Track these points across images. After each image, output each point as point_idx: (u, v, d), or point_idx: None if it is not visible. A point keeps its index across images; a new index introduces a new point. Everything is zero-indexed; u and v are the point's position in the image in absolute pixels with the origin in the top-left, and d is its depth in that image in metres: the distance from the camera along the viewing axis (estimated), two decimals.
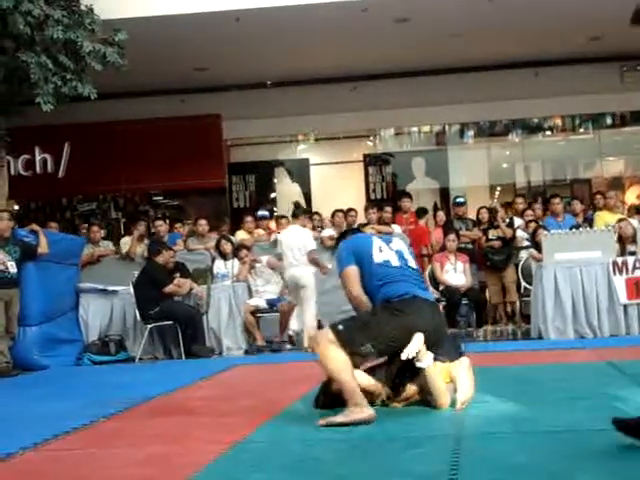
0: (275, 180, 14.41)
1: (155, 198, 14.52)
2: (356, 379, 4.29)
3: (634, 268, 8.23)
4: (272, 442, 3.96)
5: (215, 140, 13.38)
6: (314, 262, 8.76)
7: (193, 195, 14.03)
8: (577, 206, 10.43)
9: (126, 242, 10.39)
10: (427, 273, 9.46)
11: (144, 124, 12.91)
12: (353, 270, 4.61)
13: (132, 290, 8.92)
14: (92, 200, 14.00)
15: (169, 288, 8.94)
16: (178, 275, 9.21)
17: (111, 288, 9.15)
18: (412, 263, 4.74)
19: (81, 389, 6.82)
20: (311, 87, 12.92)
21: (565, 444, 3.48)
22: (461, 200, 11.04)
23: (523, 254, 9.85)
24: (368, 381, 4.54)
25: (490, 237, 10.08)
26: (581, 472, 2.97)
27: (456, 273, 9.24)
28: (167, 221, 10.86)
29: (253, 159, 14.27)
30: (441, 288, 9.20)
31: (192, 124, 13.03)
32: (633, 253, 8.44)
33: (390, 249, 4.70)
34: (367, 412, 4.18)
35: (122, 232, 13.01)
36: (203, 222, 10.54)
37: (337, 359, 4.23)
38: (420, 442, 3.68)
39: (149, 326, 8.80)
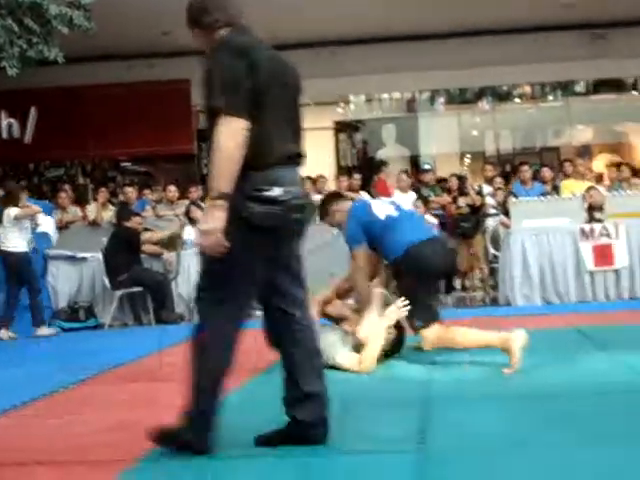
0: None
1: (123, 164, 14.38)
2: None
3: (601, 235, 8.32)
4: (243, 407, 3.97)
5: (184, 105, 13.24)
6: None
7: (162, 161, 13.92)
8: (546, 174, 10.50)
9: (92, 209, 10.32)
10: None
11: (112, 89, 12.74)
12: (362, 253, 4.92)
13: (101, 257, 8.88)
14: (59, 166, 13.84)
15: (146, 246, 8.94)
16: (150, 236, 9.21)
17: (80, 255, 9.10)
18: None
19: (50, 355, 6.80)
20: (280, 52, 12.79)
21: (532, 409, 3.54)
22: (428, 167, 11.06)
23: (490, 222, 9.92)
24: None
25: (459, 204, 10.13)
26: (549, 435, 3.02)
27: None
28: (136, 187, 10.80)
29: None
30: None
31: (160, 89, 12.88)
32: (600, 221, 8.52)
33: (383, 203, 5.09)
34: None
35: (90, 198, 12.89)
36: (173, 188, 10.48)
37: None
38: (388, 405, 3.72)
39: (118, 293, 8.77)
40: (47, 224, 9.47)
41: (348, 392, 4.14)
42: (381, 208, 5.01)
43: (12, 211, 8.33)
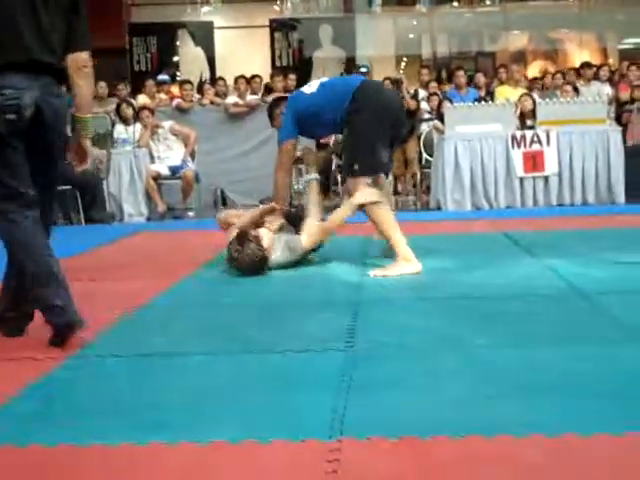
0: (178, 43, 13.98)
1: None
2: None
3: (532, 142, 8.42)
4: (176, 306, 3.99)
5: None
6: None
7: (92, 56, 13.46)
8: (481, 79, 10.50)
9: None
10: (332, 143, 9.44)
11: None
12: (290, 147, 4.95)
13: None
14: None
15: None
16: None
17: None
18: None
19: None
20: None
21: (460, 309, 3.62)
22: (364, 69, 10.95)
23: (424, 126, 9.94)
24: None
25: None
26: (474, 335, 3.11)
27: None
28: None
29: (155, 20, 13.75)
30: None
31: None
32: (531, 127, 8.61)
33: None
34: (416, 266, 4.57)
35: None
36: (103, 84, 10.17)
37: (388, 217, 4.73)
38: (319, 307, 3.77)
39: None
40: None
41: (278, 294, 4.19)
42: (312, 85, 5.01)
43: None
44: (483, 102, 9.19)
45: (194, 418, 2.30)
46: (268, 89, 10.31)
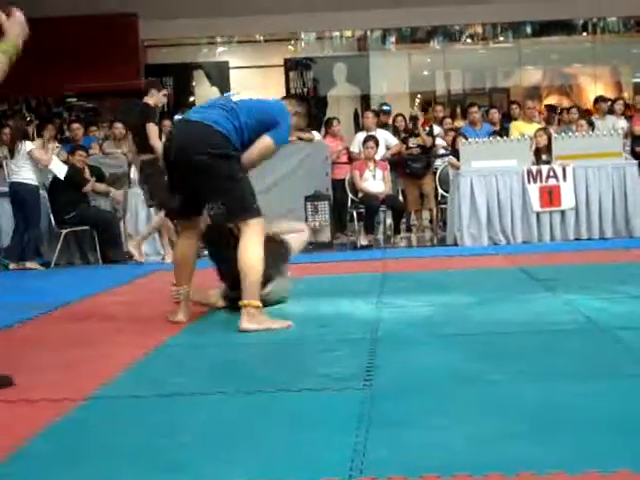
0: (194, 83, 14.13)
1: (69, 100, 14.06)
2: None
3: (548, 177, 8.41)
4: (193, 346, 3.98)
5: (132, 40, 12.97)
6: None
7: (108, 97, 13.64)
8: (494, 115, 10.53)
9: (38, 146, 10.09)
10: (347, 181, 9.49)
11: (59, 22, 12.39)
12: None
13: (46, 194, 8.72)
14: (2, 100, 13.48)
15: (89, 186, 8.80)
16: (94, 180, 9.04)
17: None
18: (238, 97, 4.54)
19: None
20: None
21: (478, 345, 3.60)
22: (387, 108, 11.03)
23: (439, 162, 9.97)
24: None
25: (410, 145, 10.15)
26: (492, 372, 3.08)
27: (375, 180, 9.27)
28: (82, 124, 10.60)
29: (171, 61, 13.91)
30: (360, 195, 9.26)
31: (108, 23, 12.58)
32: (547, 162, 8.61)
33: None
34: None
35: (34, 134, 12.61)
36: (119, 125, 10.27)
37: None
38: (336, 345, 3.74)
39: (64, 231, 8.65)
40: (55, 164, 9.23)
41: (293, 332, 4.17)
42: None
43: (27, 146, 8.47)
44: (498, 137, 9.21)
45: (211, 459, 2.28)
46: None
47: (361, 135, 10.03)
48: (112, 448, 2.42)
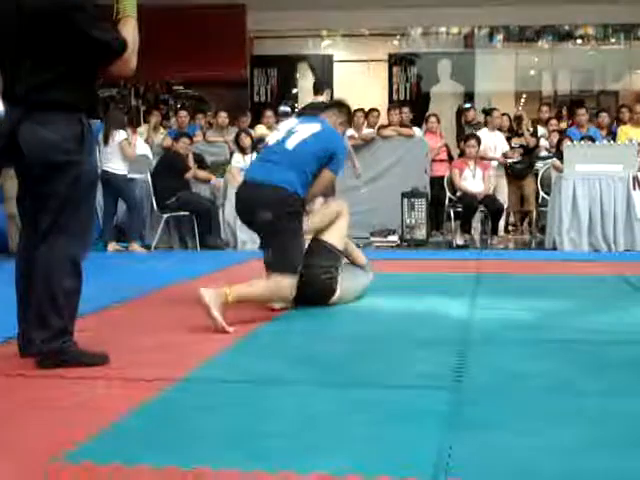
0: (297, 75, 14.22)
1: (175, 88, 14.37)
2: None
3: None
4: (285, 334, 4.03)
5: (238, 31, 13.14)
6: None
7: (213, 86, 13.87)
8: (605, 119, 10.21)
9: (142, 131, 10.36)
10: (446, 179, 9.41)
11: (167, 11, 12.64)
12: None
13: (150, 179, 8.93)
14: (112, 86, 13.87)
15: (190, 173, 9.00)
16: (196, 166, 9.23)
17: (129, 176, 9.15)
18: (292, 142, 4.62)
19: (94, 275, 6.89)
20: None
21: (572, 353, 3.52)
22: (467, 105, 10.95)
23: (540, 164, 9.78)
24: None
25: (513, 145, 9.99)
26: (584, 381, 3.01)
27: (475, 180, 9.16)
28: (189, 112, 10.85)
29: (276, 52, 14.04)
30: (459, 194, 9.16)
31: (216, 13, 12.78)
32: None
33: (284, 128, 4.78)
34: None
35: (141, 120, 12.94)
36: (223, 114, 10.46)
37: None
38: (427, 344, 3.72)
39: (165, 216, 8.85)
40: (142, 148, 9.52)
41: (385, 329, 4.17)
42: (276, 134, 4.83)
43: (120, 135, 8.69)
44: (604, 141, 8.96)
45: (295, 449, 2.30)
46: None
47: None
48: (200, 431, 2.47)
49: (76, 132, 3.19)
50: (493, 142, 9.94)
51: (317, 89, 8.10)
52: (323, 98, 8.28)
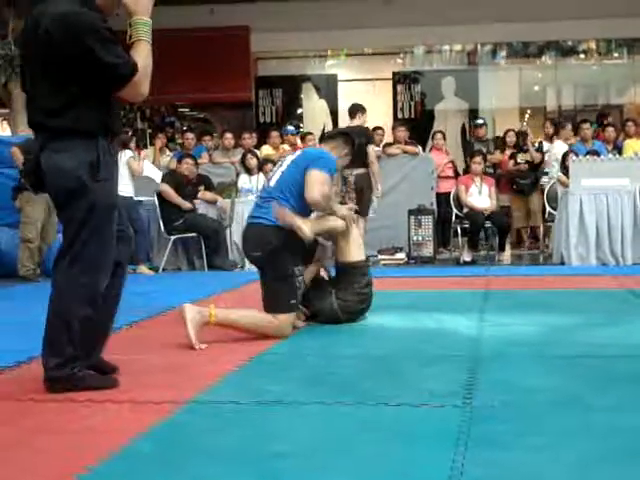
0: (302, 96, 14.27)
1: (181, 110, 14.44)
2: None
3: None
4: (294, 355, 4.03)
5: (243, 53, 13.22)
6: None
7: (219, 108, 13.94)
8: (612, 134, 10.20)
9: (149, 154, 10.42)
10: (452, 195, 9.42)
11: (172, 34, 12.72)
12: None
13: (156, 201, 8.96)
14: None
15: (186, 205, 8.92)
16: (202, 188, 9.25)
17: (136, 198, 9.18)
18: (274, 178, 4.70)
19: None
20: (342, 1, 12.67)
21: (581, 368, 3.51)
22: (480, 122, 10.94)
23: (546, 179, 9.79)
24: None
25: (518, 161, 10.00)
26: (593, 396, 3.01)
27: (481, 196, 9.16)
28: (196, 134, 10.89)
29: (280, 73, 14.12)
30: (465, 211, 9.17)
31: (220, 35, 12.87)
32: None
33: (279, 166, 4.82)
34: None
35: (147, 143, 13.01)
36: (229, 136, 10.50)
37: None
38: (436, 361, 3.73)
39: (172, 237, 8.87)
40: (149, 169, 9.55)
41: (394, 347, 4.17)
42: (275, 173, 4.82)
43: (126, 154, 8.60)
44: (610, 155, 8.96)
45: (306, 469, 2.30)
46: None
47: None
48: (210, 453, 2.47)
49: (92, 158, 3.20)
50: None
51: (351, 113, 8.22)
52: (358, 122, 8.36)
